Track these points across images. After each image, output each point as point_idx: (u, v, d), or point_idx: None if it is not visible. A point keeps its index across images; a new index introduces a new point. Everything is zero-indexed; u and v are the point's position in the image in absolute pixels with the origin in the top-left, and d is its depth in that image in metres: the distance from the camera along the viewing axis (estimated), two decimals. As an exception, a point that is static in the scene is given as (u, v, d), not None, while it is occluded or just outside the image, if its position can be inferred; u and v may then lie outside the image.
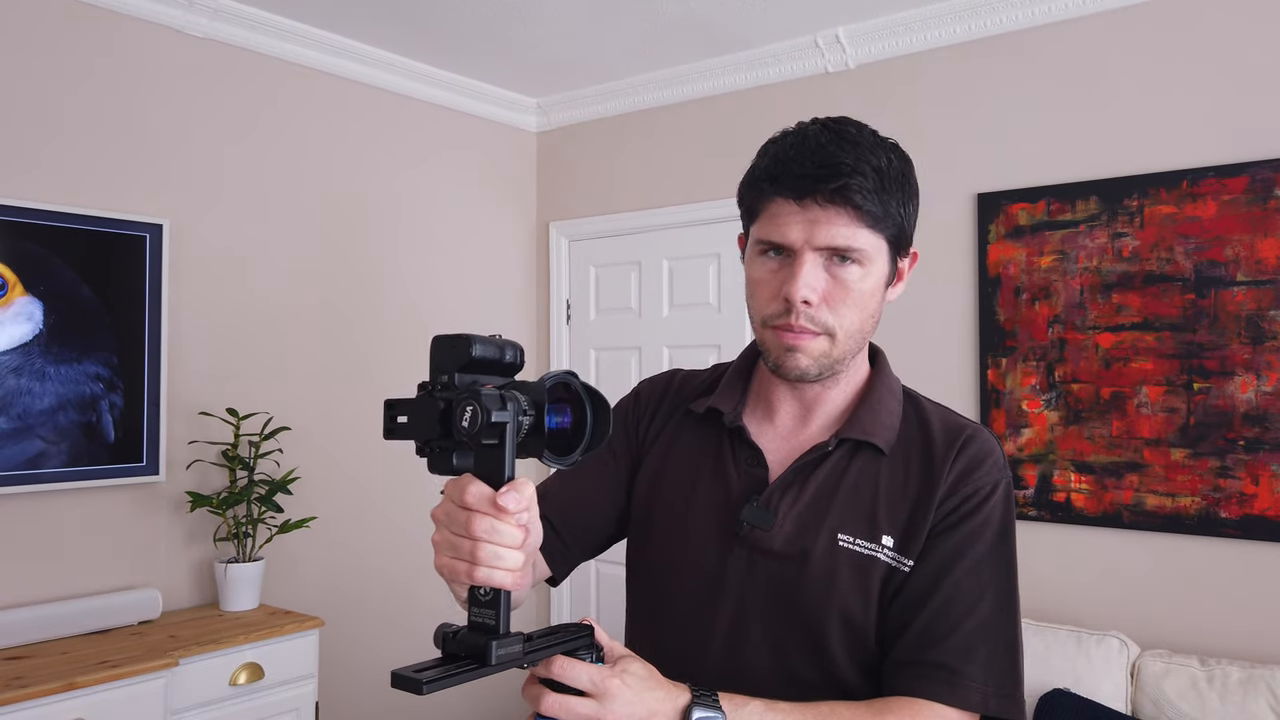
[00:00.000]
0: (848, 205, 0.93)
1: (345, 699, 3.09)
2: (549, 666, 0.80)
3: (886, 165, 0.95)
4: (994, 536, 0.98)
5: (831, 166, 0.92)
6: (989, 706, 0.92)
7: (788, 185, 0.94)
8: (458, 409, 0.72)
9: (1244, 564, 2.44)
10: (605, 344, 3.77)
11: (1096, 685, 2.37)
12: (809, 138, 0.96)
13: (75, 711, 2.12)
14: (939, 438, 1.02)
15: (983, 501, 0.98)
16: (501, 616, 0.75)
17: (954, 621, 0.94)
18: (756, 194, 0.99)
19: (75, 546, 2.58)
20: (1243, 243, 2.45)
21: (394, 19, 3.02)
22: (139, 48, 2.74)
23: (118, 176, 2.69)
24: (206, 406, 2.82)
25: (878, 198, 0.93)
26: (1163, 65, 2.59)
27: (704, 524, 1.05)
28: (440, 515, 0.76)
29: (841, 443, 1.03)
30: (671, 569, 1.07)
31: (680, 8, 2.92)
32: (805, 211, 0.94)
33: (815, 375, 1.00)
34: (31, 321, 2.46)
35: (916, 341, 2.98)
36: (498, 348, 0.78)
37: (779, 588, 0.99)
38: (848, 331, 0.99)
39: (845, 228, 0.94)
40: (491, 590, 0.75)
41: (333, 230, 3.24)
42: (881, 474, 1.01)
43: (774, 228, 0.96)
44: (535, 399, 0.76)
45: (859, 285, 0.97)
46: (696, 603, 1.04)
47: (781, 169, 0.95)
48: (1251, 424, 2.42)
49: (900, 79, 3.04)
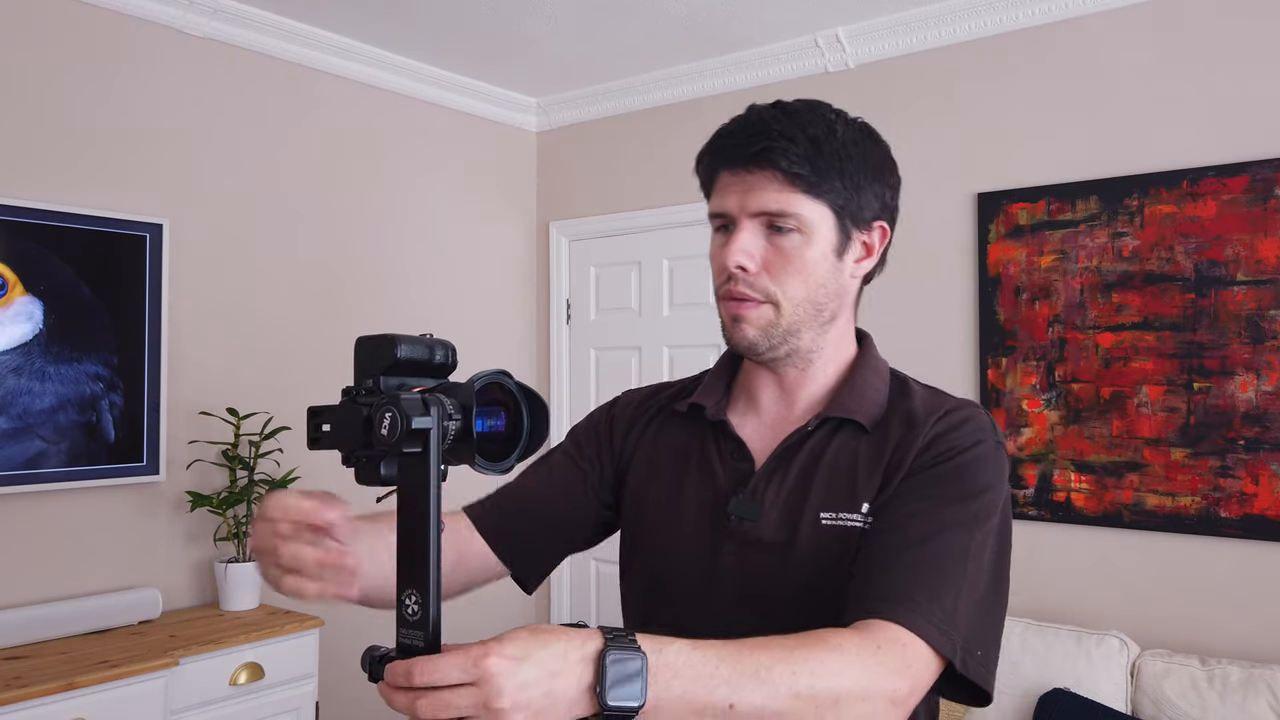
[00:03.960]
0: (775, 169, 0.95)
1: (345, 699, 3.09)
2: (409, 674, 0.68)
3: (826, 135, 0.96)
4: (967, 487, 0.92)
5: (761, 133, 0.95)
6: (947, 644, 0.84)
7: (723, 155, 0.99)
8: (377, 416, 0.68)
9: (1244, 564, 2.44)
10: (605, 344, 3.77)
11: (1096, 685, 2.36)
12: (752, 111, 1.00)
13: (75, 711, 2.12)
14: (922, 409, 1.00)
15: (958, 454, 0.94)
16: (431, 638, 0.70)
17: (913, 559, 0.88)
18: (704, 169, 1.04)
19: (75, 546, 2.58)
20: (1243, 242, 2.45)
21: (394, 18, 3.02)
22: (139, 47, 2.74)
23: (118, 176, 2.69)
24: (206, 406, 2.82)
25: (809, 163, 0.94)
26: (1163, 65, 2.59)
27: (695, 522, 1.04)
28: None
29: (823, 423, 1.01)
30: (665, 569, 1.06)
31: (680, 8, 2.92)
32: (740, 179, 0.97)
33: (766, 346, 1.00)
34: (31, 321, 2.46)
35: (917, 341, 2.98)
36: (426, 348, 0.74)
37: (771, 578, 0.98)
38: (793, 301, 0.98)
39: (777, 193, 0.95)
40: (418, 609, 0.70)
41: (333, 229, 3.24)
42: (861, 448, 0.99)
43: (717, 199, 1.01)
44: (463, 402, 0.72)
45: (800, 253, 0.97)
46: (691, 601, 1.03)
47: (721, 141, 1.00)
48: (1251, 424, 2.42)
49: (900, 79, 3.04)
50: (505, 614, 3.27)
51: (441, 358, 0.76)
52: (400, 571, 0.72)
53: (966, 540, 0.90)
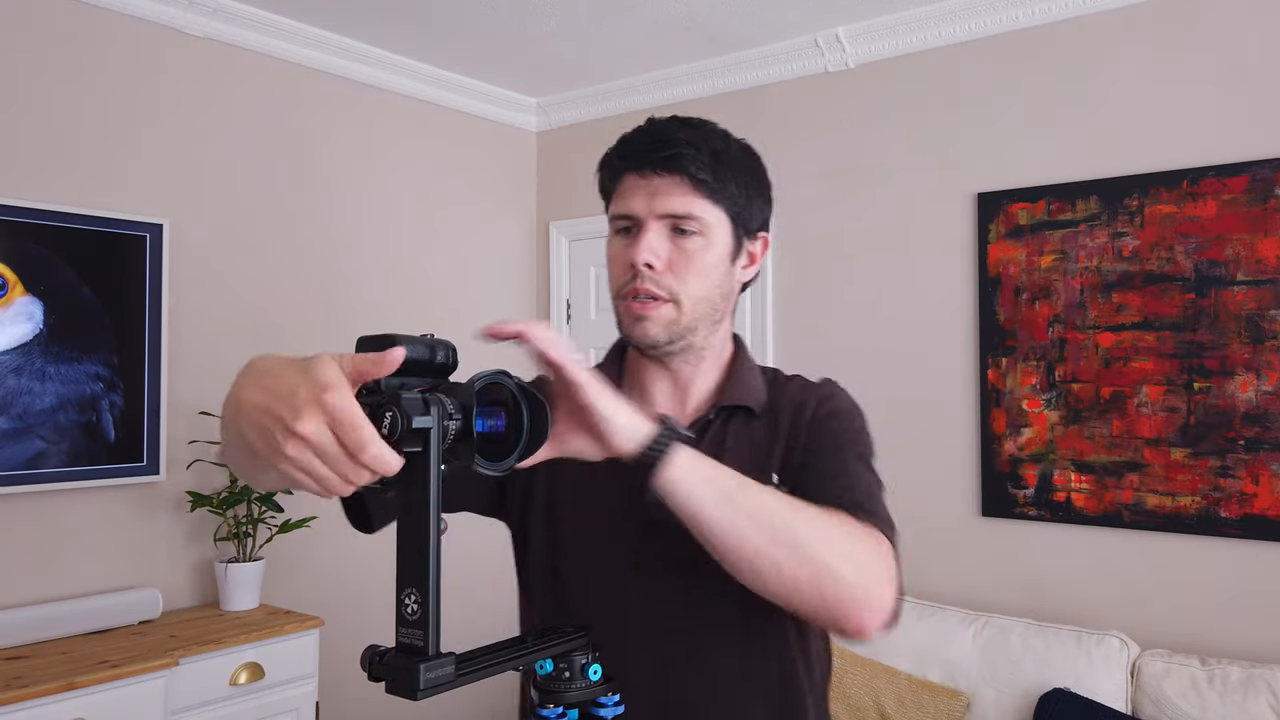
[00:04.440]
0: (683, 174, 1.03)
1: (345, 699, 3.09)
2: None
3: (724, 149, 1.06)
4: (856, 439, 1.09)
5: (668, 141, 1.04)
6: (887, 536, 0.97)
7: (631, 160, 1.06)
8: (377, 415, 0.68)
9: (1244, 564, 2.44)
10: (605, 344, 3.75)
11: (1097, 685, 2.37)
12: (656, 123, 1.08)
13: (75, 711, 2.12)
14: (800, 394, 1.13)
15: (838, 415, 1.10)
16: (430, 637, 0.69)
17: (844, 483, 1.02)
18: (609, 173, 1.10)
19: (75, 546, 2.58)
20: (1243, 242, 2.45)
21: (394, 18, 3.02)
22: (138, 47, 2.74)
23: (118, 176, 2.69)
24: (206, 406, 2.82)
25: (711, 170, 1.04)
26: (1163, 64, 2.59)
27: (614, 518, 1.07)
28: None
29: (719, 411, 1.11)
30: (587, 569, 1.08)
31: (680, 7, 2.92)
32: (647, 182, 1.04)
33: (666, 342, 1.07)
34: (32, 321, 2.46)
35: (917, 341, 2.98)
36: (427, 348, 0.74)
37: (702, 557, 0.97)
38: (693, 299, 1.06)
39: (682, 196, 1.03)
40: (418, 609, 0.70)
41: (333, 229, 3.24)
42: (756, 430, 1.11)
43: (622, 201, 1.07)
44: (463, 402, 0.72)
45: (701, 255, 1.05)
46: (617, 593, 1.06)
47: (628, 148, 1.07)
48: (1252, 423, 2.42)
49: (900, 78, 3.04)
50: (507, 615, 3.27)
51: (443, 358, 0.76)
52: (400, 571, 0.72)
53: (868, 464, 1.08)
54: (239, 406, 0.74)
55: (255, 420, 0.70)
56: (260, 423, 0.69)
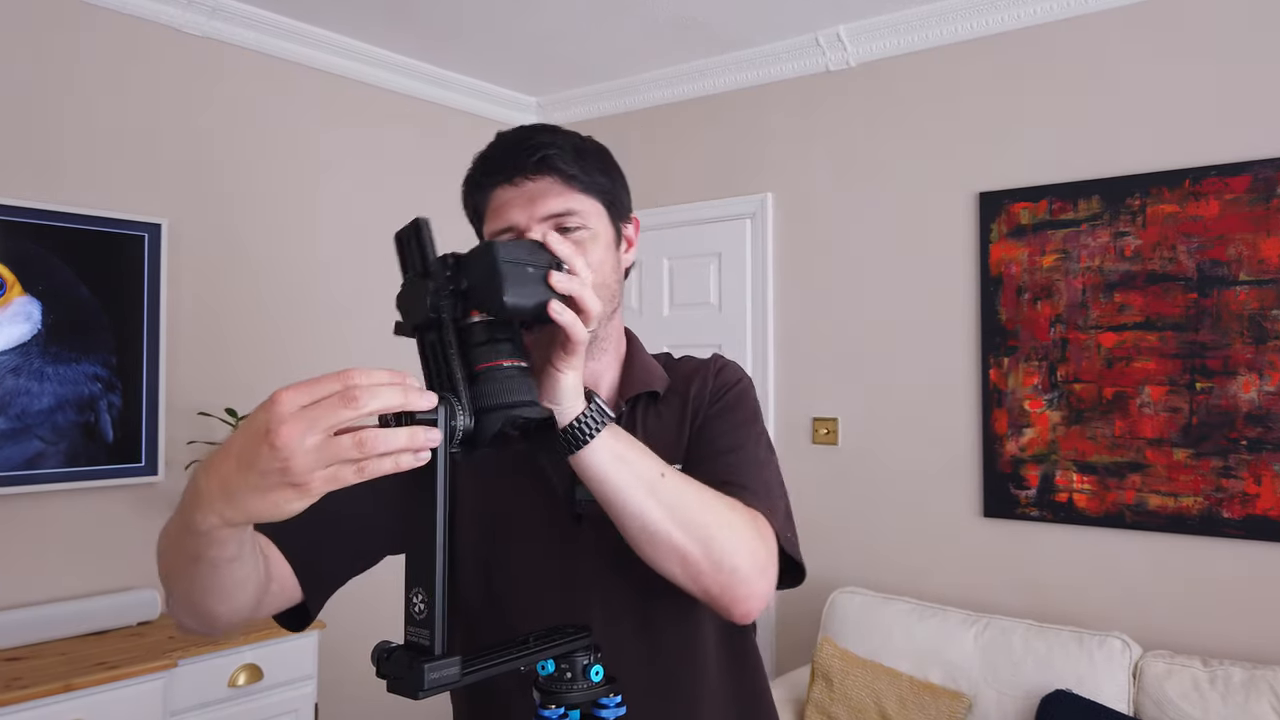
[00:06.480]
0: (554, 173, 1.04)
1: (345, 701, 3.08)
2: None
3: (581, 144, 1.08)
4: (749, 412, 1.13)
5: (533, 145, 1.05)
6: (775, 526, 1.00)
7: (501, 172, 1.06)
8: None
9: (1246, 564, 2.43)
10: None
11: (1099, 686, 2.36)
12: (508, 134, 1.09)
13: (74, 712, 2.11)
14: (695, 373, 1.17)
15: (732, 388, 1.14)
16: (437, 636, 0.70)
17: (734, 460, 1.06)
18: (478, 192, 1.10)
19: (74, 547, 2.57)
20: (1245, 242, 2.44)
21: (393, 17, 3.02)
22: (137, 46, 2.74)
23: (117, 176, 2.69)
24: (205, 406, 2.81)
25: (578, 164, 1.05)
26: (1164, 64, 2.58)
27: (540, 522, 1.07)
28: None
29: (629, 402, 1.13)
30: (515, 572, 1.07)
31: (681, 6, 2.92)
32: (520, 190, 1.05)
33: None
34: (30, 321, 2.46)
35: (917, 341, 2.97)
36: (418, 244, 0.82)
37: (623, 547, 0.97)
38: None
39: (559, 195, 1.04)
40: (425, 608, 0.71)
41: (332, 229, 3.23)
42: (663, 412, 1.13)
43: (499, 216, 1.06)
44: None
45: (591, 247, 1.06)
46: (551, 593, 1.06)
47: (492, 163, 1.08)
48: (1254, 424, 2.41)
49: (902, 77, 3.03)
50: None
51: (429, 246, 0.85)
52: (408, 570, 0.73)
53: (759, 443, 1.11)
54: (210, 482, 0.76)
55: (242, 456, 0.74)
56: (248, 458, 0.74)
